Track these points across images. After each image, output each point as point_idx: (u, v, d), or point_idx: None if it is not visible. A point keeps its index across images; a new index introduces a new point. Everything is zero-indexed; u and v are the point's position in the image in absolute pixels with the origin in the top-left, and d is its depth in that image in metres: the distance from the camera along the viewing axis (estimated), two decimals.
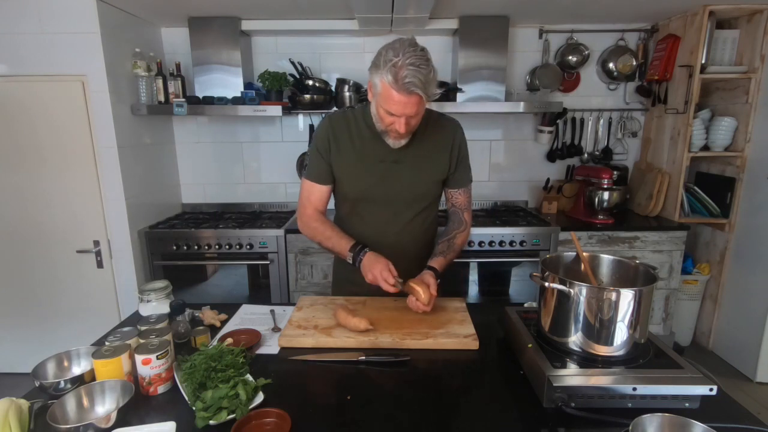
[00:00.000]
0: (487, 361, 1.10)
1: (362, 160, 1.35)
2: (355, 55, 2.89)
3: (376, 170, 1.36)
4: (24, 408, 0.86)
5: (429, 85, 1.13)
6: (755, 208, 2.50)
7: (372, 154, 1.35)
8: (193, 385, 0.91)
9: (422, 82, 1.10)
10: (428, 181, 1.40)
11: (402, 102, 1.14)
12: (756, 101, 2.48)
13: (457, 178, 1.44)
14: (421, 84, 1.10)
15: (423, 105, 1.18)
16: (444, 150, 1.39)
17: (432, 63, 1.15)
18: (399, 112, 1.17)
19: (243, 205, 3.10)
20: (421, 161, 1.37)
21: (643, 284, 0.95)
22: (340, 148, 1.36)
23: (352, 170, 1.37)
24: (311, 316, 1.29)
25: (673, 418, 0.76)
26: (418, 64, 1.10)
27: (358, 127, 1.36)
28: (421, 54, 1.12)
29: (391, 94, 1.13)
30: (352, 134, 1.36)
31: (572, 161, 3.05)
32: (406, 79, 1.09)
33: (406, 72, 1.09)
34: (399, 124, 1.19)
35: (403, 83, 1.10)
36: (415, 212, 1.42)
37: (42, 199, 2.37)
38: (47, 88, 2.26)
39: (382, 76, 1.13)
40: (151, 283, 1.34)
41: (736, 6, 2.40)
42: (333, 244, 1.37)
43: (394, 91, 1.12)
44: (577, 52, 2.87)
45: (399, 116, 1.18)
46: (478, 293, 2.62)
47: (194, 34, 2.63)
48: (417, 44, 1.14)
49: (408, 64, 1.09)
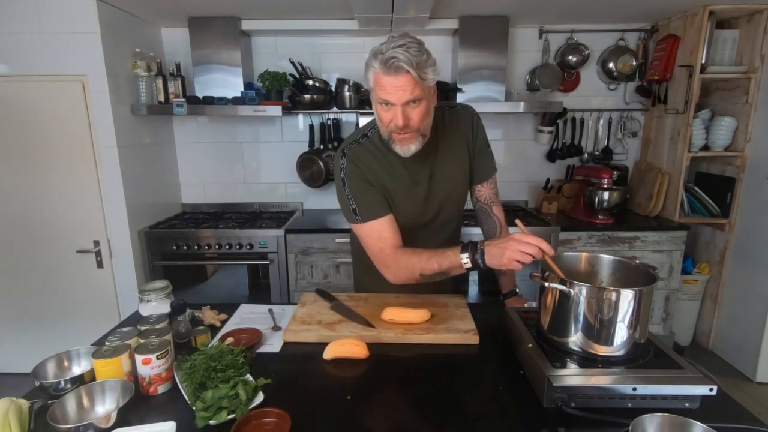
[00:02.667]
0: (487, 361, 1.10)
1: (401, 188, 1.25)
2: (355, 55, 2.89)
3: (417, 194, 1.27)
4: (24, 408, 0.86)
5: (422, 66, 1.06)
6: (755, 208, 2.50)
7: (408, 179, 1.25)
8: (193, 385, 0.91)
9: (410, 60, 1.04)
10: (464, 183, 1.34)
11: (392, 85, 1.06)
12: (756, 101, 2.48)
13: (480, 169, 1.34)
14: (408, 62, 1.04)
15: (420, 92, 1.09)
16: (466, 142, 1.31)
17: (427, 50, 1.10)
18: (392, 97, 1.08)
19: (243, 205, 3.10)
20: (453, 166, 1.30)
21: (643, 284, 0.95)
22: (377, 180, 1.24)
23: (394, 201, 1.26)
24: (315, 312, 1.30)
25: (673, 418, 0.76)
26: (405, 46, 1.05)
27: (382, 153, 1.24)
28: (411, 39, 1.08)
29: (380, 79, 1.08)
30: (381, 163, 1.25)
31: (572, 161, 3.05)
32: (392, 57, 1.04)
33: (391, 53, 1.04)
34: (396, 116, 1.09)
35: (389, 63, 1.04)
36: (456, 217, 1.39)
37: (42, 199, 2.37)
38: (47, 88, 2.26)
39: (371, 66, 1.09)
40: (151, 283, 1.34)
41: (736, 6, 2.40)
42: (439, 261, 1.16)
43: (383, 74, 1.07)
44: (577, 52, 2.86)
45: (394, 104, 1.09)
46: (478, 293, 2.62)
47: (194, 34, 2.63)
48: (411, 36, 1.10)
49: (393, 47, 1.05)
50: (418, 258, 1.19)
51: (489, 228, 1.41)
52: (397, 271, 1.22)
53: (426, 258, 1.18)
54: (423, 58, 1.07)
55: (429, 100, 1.14)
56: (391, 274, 1.24)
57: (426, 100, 1.13)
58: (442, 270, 1.17)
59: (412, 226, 1.32)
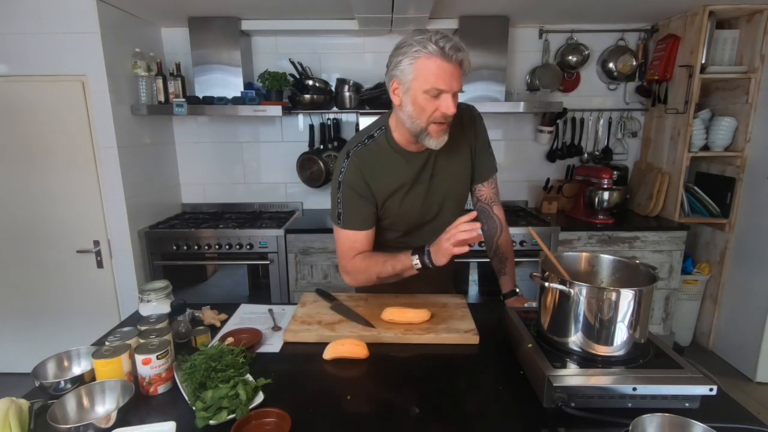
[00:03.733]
0: (487, 361, 1.10)
1: (404, 189, 1.26)
2: (355, 55, 2.89)
3: (419, 193, 1.28)
4: (24, 408, 0.86)
5: (466, 58, 1.08)
6: (755, 208, 2.50)
7: (411, 179, 1.26)
8: (193, 385, 0.91)
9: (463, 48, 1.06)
10: (465, 182, 1.34)
11: (449, 72, 1.06)
12: (756, 101, 2.48)
13: (480, 168, 1.35)
14: (466, 50, 1.06)
15: (462, 82, 1.11)
16: (468, 142, 1.31)
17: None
18: (448, 84, 1.06)
19: (243, 205, 3.10)
20: (454, 165, 1.30)
21: (643, 284, 0.95)
22: (379, 184, 1.25)
23: (396, 202, 1.27)
24: (315, 312, 1.30)
25: (673, 418, 0.76)
26: (449, 37, 1.06)
27: (387, 155, 1.25)
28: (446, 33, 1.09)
29: (435, 66, 1.05)
30: (385, 165, 1.25)
31: (572, 161, 3.05)
32: (448, 45, 1.04)
33: (443, 42, 1.04)
34: (447, 103, 1.08)
35: (451, 49, 1.04)
36: (456, 216, 1.37)
37: (42, 199, 2.37)
38: (47, 88, 2.26)
39: (419, 55, 1.06)
40: (151, 283, 1.34)
41: (736, 6, 2.40)
42: (393, 264, 1.23)
43: (441, 60, 1.05)
44: (577, 52, 2.87)
45: (447, 91, 1.07)
46: (478, 293, 2.62)
47: (194, 34, 2.63)
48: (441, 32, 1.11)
49: (441, 36, 1.05)
50: (374, 262, 1.26)
51: (489, 228, 1.40)
52: (356, 275, 1.31)
53: (382, 262, 1.25)
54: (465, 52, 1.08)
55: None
56: (351, 278, 1.33)
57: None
58: (396, 272, 1.24)
59: (414, 226, 1.32)
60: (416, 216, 1.31)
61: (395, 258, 1.23)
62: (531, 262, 2.51)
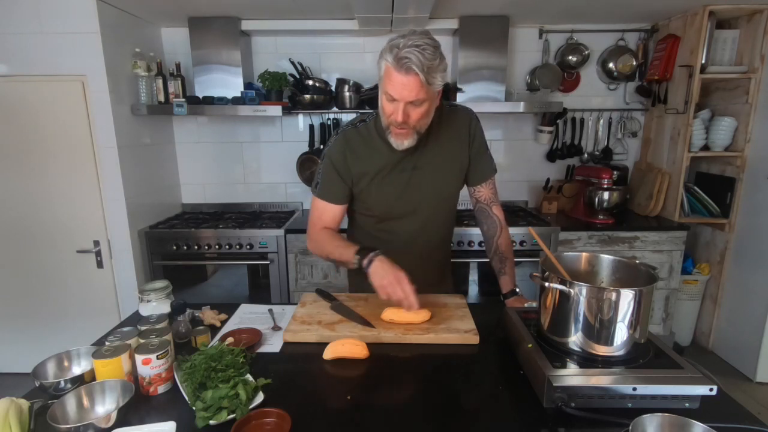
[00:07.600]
0: (487, 361, 1.10)
1: (383, 173, 1.30)
2: (355, 55, 2.89)
3: (398, 181, 1.31)
4: (24, 408, 0.86)
5: (432, 71, 1.08)
6: (755, 208, 2.50)
7: (391, 165, 1.29)
8: (193, 385, 0.91)
9: (422, 63, 1.05)
10: (452, 182, 1.36)
11: (400, 82, 1.09)
12: (756, 101, 2.48)
13: (478, 170, 1.37)
14: (420, 64, 1.05)
15: (425, 94, 1.11)
16: (461, 143, 1.33)
17: (441, 54, 1.11)
18: (397, 94, 1.11)
19: (243, 205, 3.10)
20: (441, 161, 1.32)
21: (643, 284, 0.95)
22: (359, 165, 1.30)
23: (374, 185, 1.31)
24: (315, 312, 1.30)
25: (673, 418, 0.76)
26: (421, 48, 1.06)
27: (372, 139, 1.30)
28: (429, 41, 1.08)
29: (389, 73, 1.10)
30: (368, 148, 1.30)
31: (572, 161, 3.05)
32: (405, 57, 1.06)
33: (406, 51, 1.06)
34: (397, 111, 1.12)
35: (401, 62, 1.06)
36: (442, 215, 1.39)
37: (42, 199, 2.37)
38: (47, 88, 2.26)
39: (384, 58, 1.10)
40: (151, 283, 1.34)
41: (736, 6, 2.40)
42: (340, 252, 1.28)
43: (393, 69, 1.08)
44: (577, 52, 2.87)
45: (397, 100, 1.11)
46: (478, 293, 2.62)
47: (194, 34, 2.63)
48: (430, 37, 1.10)
49: (410, 45, 1.06)
50: (329, 241, 1.33)
51: (489, 228, 1.41)
52: (314, 245, 1.38)
53: (335, 245, 1.31)
54: (435, 63, 1.08)
55: (432, 102, 1.17)
56: (312, 246, 1.40)
57: (429, 102, 1.15)
58: (341, 260, 1.29)
59: (390, 215, 1.36)
60: (393, 204, 1.33)
61: (345, 247, 1.27)
62: (531, 262, 2.51)
